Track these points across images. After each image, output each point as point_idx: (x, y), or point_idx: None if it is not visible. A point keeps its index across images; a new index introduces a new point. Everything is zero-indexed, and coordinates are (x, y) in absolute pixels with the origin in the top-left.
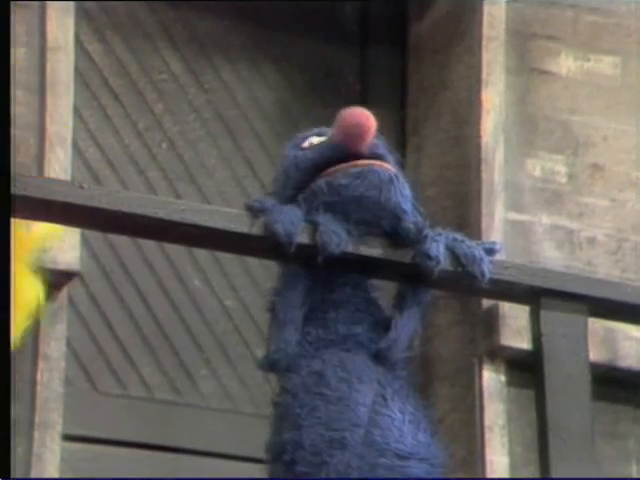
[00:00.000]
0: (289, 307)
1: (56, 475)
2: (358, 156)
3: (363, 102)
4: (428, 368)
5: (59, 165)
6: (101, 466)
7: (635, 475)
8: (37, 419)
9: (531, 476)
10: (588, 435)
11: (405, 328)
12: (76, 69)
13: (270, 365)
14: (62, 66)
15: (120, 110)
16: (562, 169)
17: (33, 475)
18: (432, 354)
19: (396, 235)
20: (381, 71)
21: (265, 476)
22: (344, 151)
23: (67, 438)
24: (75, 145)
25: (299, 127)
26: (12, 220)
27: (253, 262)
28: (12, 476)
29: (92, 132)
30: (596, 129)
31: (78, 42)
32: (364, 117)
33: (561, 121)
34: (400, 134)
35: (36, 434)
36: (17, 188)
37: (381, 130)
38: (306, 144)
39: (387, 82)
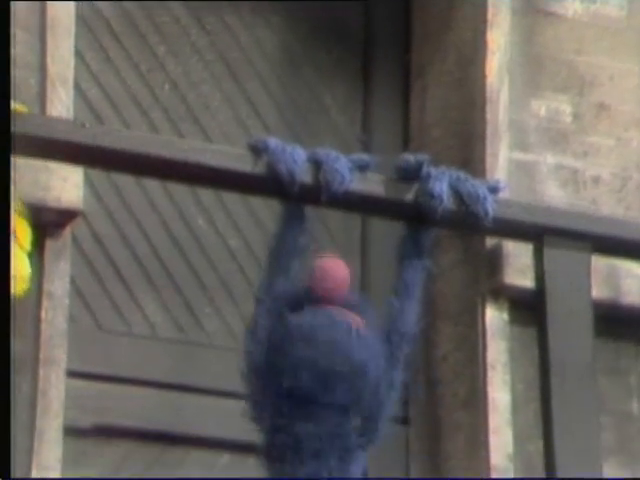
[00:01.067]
0: (285, 253)
1: (61, 411)
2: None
3: (367, 45)
4: (432, 307)
5: (61, 105)
6: (105, 403)
7: (635, 410)
8: (42, 356)
9: (532, 413)
10: (589, 372)
11: (409, 291)
12: (77, 11)
13: (254, 316)
14: (62, 7)
15: (122, 52)
16: (567, 108)
17: (39, 410)
18: (436, 294)
19: (397, 169)
20: (385, 14)
21: None
22: (317, 298)
23: (71, 374)
24: (77, 86)
25: (302, 70)
26: (12, 159)
27: (257, 202)
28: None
29: (94, 73)
30: (602, 69)
31: None
32: (337, 271)
33: (567, 61)
34: (405, 77)
35: (41, 371)
36: (19, 127)
37: (385, 73)
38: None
39: (391, 24)
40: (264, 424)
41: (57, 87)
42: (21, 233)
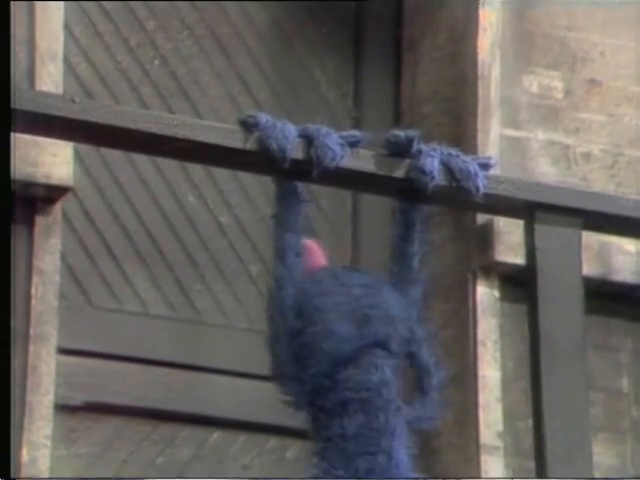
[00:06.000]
0: (286, 231)
1: (52, 388)
2: None
3: (358, 20)
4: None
5: (51, 80)
6: (96, 380)
7: (625, 387)
8: (32, 332)
9: (521, 390)
10: (580, 348)
11: (408, 270)
12: None
13: (275, 298)
14: None
15: (111, 27)
16: (559, 85)
17: (29, 387)
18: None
19: (387, 145)
20: None
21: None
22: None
23: (62, 351)
24: (66, 61)
25: (293, 45)
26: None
27: (248, 178)
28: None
29: (83, 48)
30: (593, 45)
31: None
32: (318, 251)
33: (558, 37)
34: (396, 52)
35: (31, 347)
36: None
37: (377, 48)
38: None
39: (383, 0)
40: (305, 399)
41: (46, 62)
42: None
